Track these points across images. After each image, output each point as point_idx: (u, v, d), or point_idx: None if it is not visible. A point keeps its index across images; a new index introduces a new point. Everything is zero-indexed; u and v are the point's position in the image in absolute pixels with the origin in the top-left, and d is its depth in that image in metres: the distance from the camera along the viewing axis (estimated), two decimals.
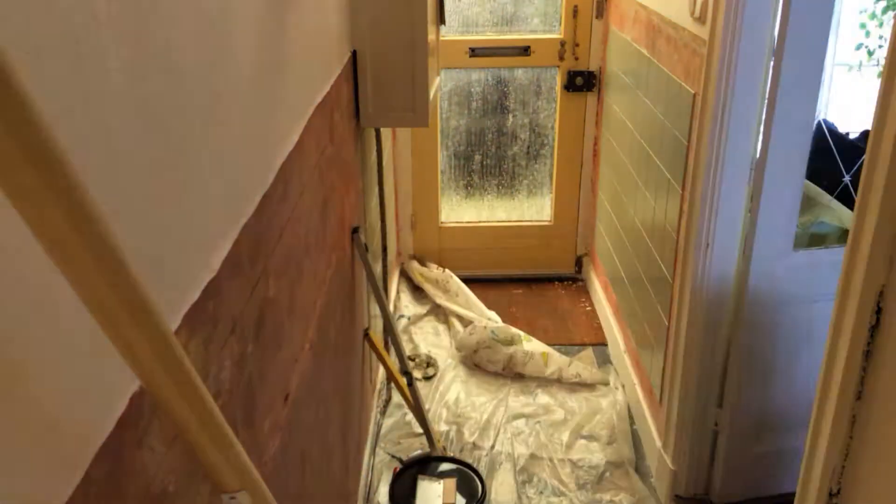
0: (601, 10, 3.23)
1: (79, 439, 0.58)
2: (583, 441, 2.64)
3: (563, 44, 3.32)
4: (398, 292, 3.52)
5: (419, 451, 2.51)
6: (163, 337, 0.54)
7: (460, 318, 3.32)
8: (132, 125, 0.67)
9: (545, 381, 2.96)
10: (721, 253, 2.08)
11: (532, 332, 3.22)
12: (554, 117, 3.48)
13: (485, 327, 3.08)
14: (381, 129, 2.54)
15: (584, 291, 3.68)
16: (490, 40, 3.32)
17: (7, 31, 0.48)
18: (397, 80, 2.05)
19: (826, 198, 2.36)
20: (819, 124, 2.59)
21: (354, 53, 2.01)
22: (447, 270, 3.58)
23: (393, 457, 2.53)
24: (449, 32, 3.28)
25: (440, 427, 2.70)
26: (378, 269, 2.65)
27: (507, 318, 3.33)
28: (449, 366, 3.06)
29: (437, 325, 3.34)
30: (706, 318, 2.15)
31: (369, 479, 2.39)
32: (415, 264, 3.66)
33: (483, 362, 3.03)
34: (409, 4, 1.98)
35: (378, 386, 2.78)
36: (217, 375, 0.89)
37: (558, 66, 3.36)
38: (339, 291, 1.85)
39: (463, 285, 3.47)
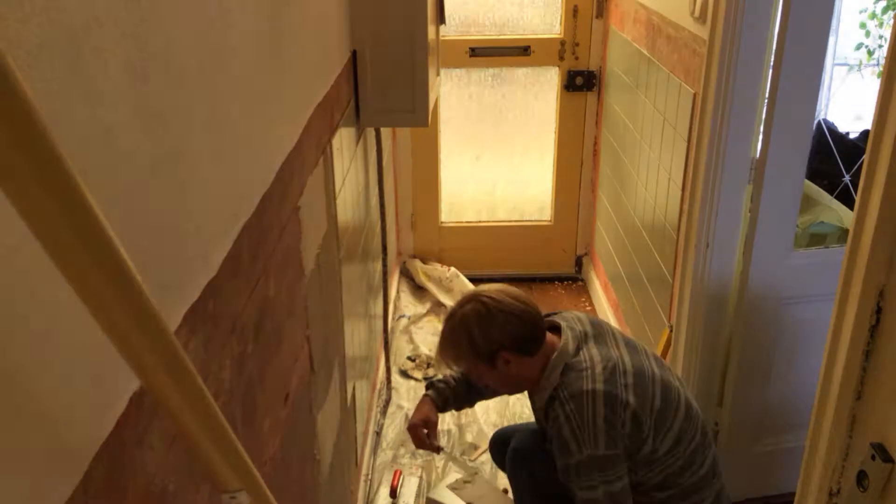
0: (601, 10, 3.23)
1: (79, 439, 0.58)
2: None
3: (563, 43, 3.32)
4: (398, 292, 3.52)
5: None
6: (163, 337, 0.54)
7: None
8: (132, 125, 0.67)
9: None
10: (721, 253, 2.08)
11: None
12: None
13: None
14: (381, 129, 2.54)
15: (585, 291, 3.67)
16: (490, 40, 3.32)
17: (7, 30, 0.48)
18: (397, 80, 2.04)
19: (826, 198, 2.36)
20: (819, 124, 2.60)
21: (354, 53, 2.01)
22: (453, 269, 3.56)
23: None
24: (449, 32, 3.28)
25: (442, 427, 2.70)
26: (378, 268, 2.65)
27: None
28: None
29: (438, 325, 3.33)
30: (706, 318, 2.15)
31: (369, 479, 2.39)
32: (417, 263, 3.65)
33: None
34: (409, 4, 1.97)
35: (378, 386, 2.78)
36: (217, 375, 0.89)
37: (558, 66, 3.36)
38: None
39: (469, 284, 3.43)
